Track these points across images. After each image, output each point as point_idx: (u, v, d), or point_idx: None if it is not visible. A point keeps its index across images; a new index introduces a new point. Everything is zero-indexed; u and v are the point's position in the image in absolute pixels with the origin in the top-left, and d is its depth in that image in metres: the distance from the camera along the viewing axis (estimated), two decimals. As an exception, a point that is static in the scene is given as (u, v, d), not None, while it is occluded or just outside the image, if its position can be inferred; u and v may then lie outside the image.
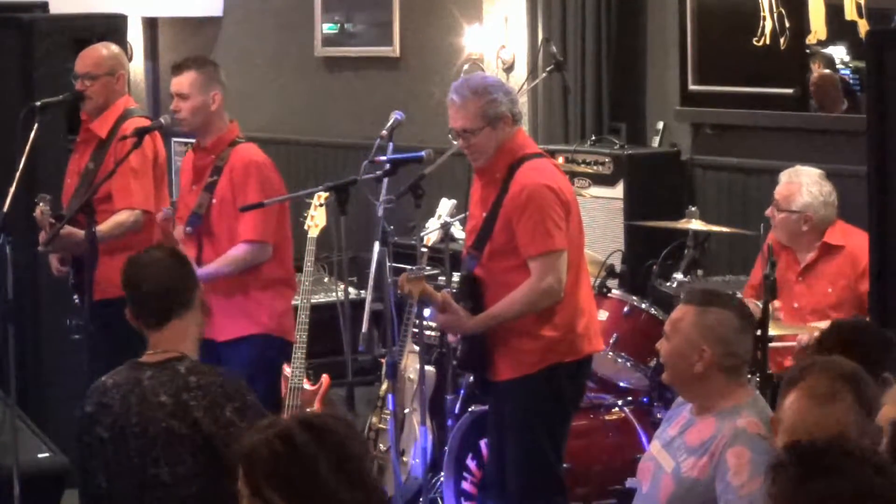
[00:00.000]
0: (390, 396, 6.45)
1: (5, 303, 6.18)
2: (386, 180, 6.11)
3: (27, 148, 6.36)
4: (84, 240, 5.80)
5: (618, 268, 6.92)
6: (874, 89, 5.24)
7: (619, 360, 6.41)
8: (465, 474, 6.38)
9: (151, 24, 10.82)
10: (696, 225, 6.65)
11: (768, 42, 7.18)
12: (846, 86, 7.09)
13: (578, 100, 7.97)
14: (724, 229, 6.80)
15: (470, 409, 6.34)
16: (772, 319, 5.46)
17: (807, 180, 6.27)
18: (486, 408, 6.00)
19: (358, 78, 9.54)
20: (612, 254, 7.05)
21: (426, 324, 6.44)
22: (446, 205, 7.40)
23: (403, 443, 6.72)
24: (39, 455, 6.09)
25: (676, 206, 7.22)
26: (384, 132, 6.52)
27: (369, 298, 6.58)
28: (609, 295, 6.50)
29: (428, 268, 6.65)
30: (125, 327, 4.40)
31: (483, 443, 6.26)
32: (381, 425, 6.84)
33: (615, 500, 6.15)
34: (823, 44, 7.06)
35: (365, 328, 6.65)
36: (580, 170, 7.55)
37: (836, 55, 7.07)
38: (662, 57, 7.82)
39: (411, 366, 6.83)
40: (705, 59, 7.50)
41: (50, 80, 7.11)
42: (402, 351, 6.81)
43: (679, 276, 6.62)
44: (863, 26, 6.79)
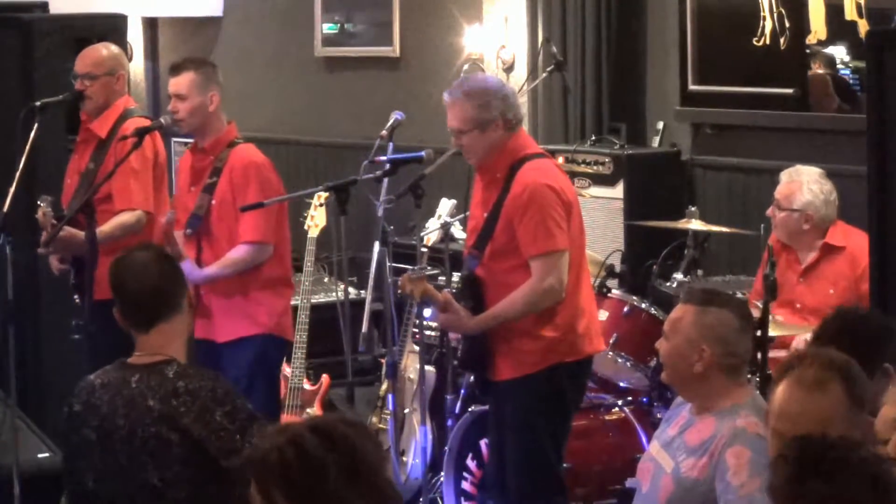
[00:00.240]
0: (390, 396, 6.46)
1: (5, 303, 6.17)
2: (386, 180, 6.11)
3: (27, 148, 6.35)
4: (84, 240, 5.79)
5: (618, 268, 6.92)
6: (874, 89, 5.23)
7: (619, 360, 6.41)
8: (465, 474, 6.38)
9: (151, 24, 10.83)
10: (696, 225, 6.64)
11: (768, 42, 7.18)
12: (846, 85, 7.09)
13: (578, 100, 7.97)
14: (724, 229, 6.80)
15: (470, 409, 6.34)
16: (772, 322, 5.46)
17: (807, 179, 6.27)
18: (486, 408, 5.99)
19: (358, 78, 9.54)
20: (612, 254, 7.05)
21: (426, 324, 6.44)
22: (446, 205, 7.40)
23: (403, 443, 6.72)
24: (39, 455, 6.08)
25: (676, 206, 7.22)
26: (384, 132, 6.53)
27: (369, 298, 6.59)
28: (609, 295, 6.49)
29: (429, 268, 6.65)
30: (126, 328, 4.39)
31: (483, 443, 6.25)
32: (381, 425, 6.84)
33: (615, 500, 6.15)
34: (823, 44, 7.05)
35: (365, 328, 6.66)
36: (580, 170, 7.55)
37: (836, 55, 7.07)
38: (662, 57, 7.82)
39: (411, 366, 6.83)
40: (705, 59, 7.50)
41: (50, 80, 7.10)
42: (402, 351, 6.81)
43: (679, 276, 6.61)
44: (863, 26, 6.79)
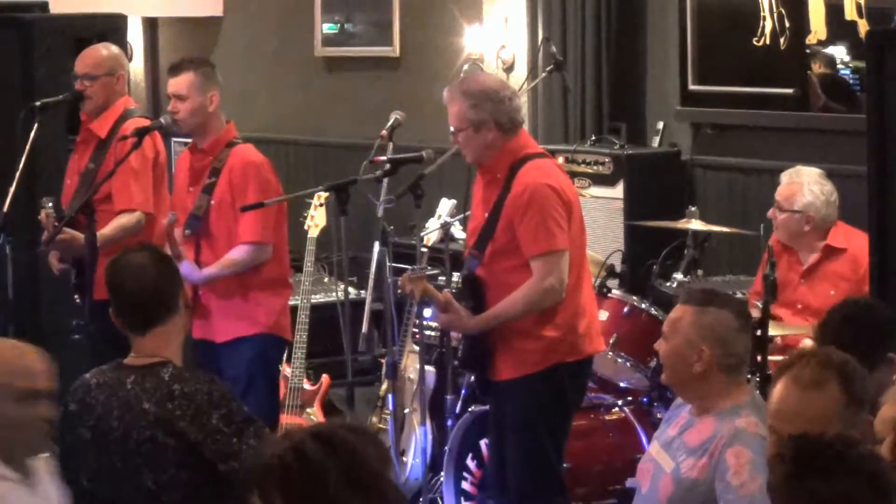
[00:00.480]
0: (390, 396, 6.45)
1: (5, 303, 6.18)
2: (386, 180, 6.11)
3: (27, 148, 6.36)
4: (84, 242, 5.79)
5: (618, 268, 6.92)
6: (874, 89, 5.23)
7: (619, 360, 6.41)
8: (465, 474, 6.38)
9: (151, 24, 10.83)
10: (696, 225, 6.64)
11: (768, 42, 7.18)
12: (846, 85, 7.09)
13: (578, 100, 7.97)
14: (724, 229, 6.79)
15: (470, 409, 6.33)
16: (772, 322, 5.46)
17: (808, 180, 6.27)
18: (486, 408, 5.99)
19: (358, 78, 9.54)
20: (612, 254, 7.05)
21: (426, 324, 6.44)
22: (446, 205, 7.40)
23: (403, 443, 6.72)
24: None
25: (676, 206, 7.22)
26: (384, 132, 6.52)
27: (369, 298, 6.59)
28: (609, 295, 6.49)
29: (429, 268, 6.65)
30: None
31: (483, 443, 6.25)
32: (381, 425, 6.84)
33: (615, 500, 6.15)
34: (823, 44, 7.05)
35: (365, 328, 6.66)
36: (580, 170, 7.55)
37: (836, 55, 7.07)
38: (662, 57, 7.82)
39: (411, 366, 6.83)
40: (705, 59, 7.50)
41: (50, 80, 7.10)
42: (402, 351, 6.81)
43: (679, 276, 6.61)
44: (863, 26, 6.79)
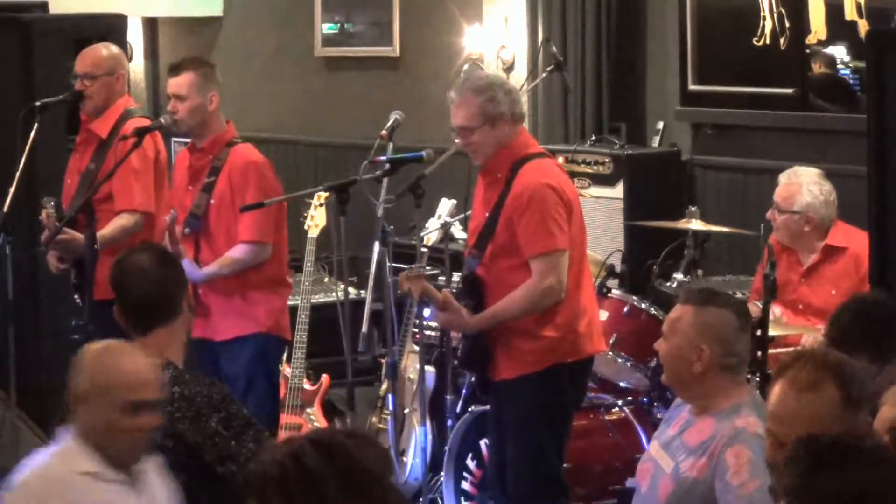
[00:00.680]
0: (390, 396, 6.46)
1: (5, 303, 6.17)
2: (386, 180, 6.10)
3: (27, 148, 6.36)
4: (84, 241, 5.79)
5: (618, 268, 6.92)
6: (874, 89, 5.24)
7: (619, 360, 6.41)
8: (465, 474, 6.38)
9: (151, 24, 10.82)
10: (696, 225, 6.64)
11: (768, 42, 7.18)
12: (846, 85, 7.09)
13: (578, 100, 7.97)
14: (724, 229, 6.79)
15: (470, 409, 6.34)
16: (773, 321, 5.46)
17: (806, 180, 6.26)
18: (486, 408, 5.99)
19: (358, 78, 9.54)
20: (612, 254, 7.06)
21: (426, 324, 6.44)
22: (446, 205, 7.40)
23: (403, 443, 6.72)
24: (39, 455, 6.07)
25: (676, 206, 7.23)
26: (384, 132, 6.51)
27: (369, 298, 6.57)
28: (609, 295, 6.49)
29: (428, 267, 6.65)
30: (125, 328, 4.39)
31: (483, 443, 6.25)
32: (381, 425, 6.84)
33: (615, 500, 6.15)
34: (823, 44, 7.05)
35: (365, 328, 6.64)
36: (580, 170, 7.55)
37: (836, 55, 7.07)
38: (662, 57, 7.82)
39: (411, 366, 6.83)
40: (705, 59, 7.50)
41: (50, 80, 7.09)
42: (402, 351, 6.81)
43: (679, 276, 6.61)
44: (863, 26, 6.79)
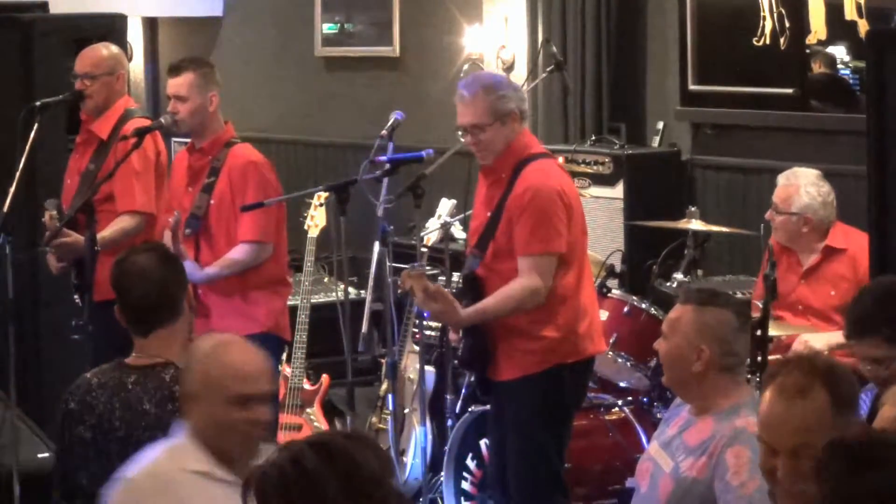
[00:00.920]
0: (390, 396, 6.45)
1: (5, 303, 6.17)
2: (386, 180, 6.10)
3: (27, 148, 6.36)
4: (85, 242, 5.80)
5: (618, 268, 6.92)
6: (874, 89, 5.24)
7: (619, 360, 6.41)
8: (465, 474, 6.38)
9: (151, 24, 10.82)
10: (696, 225, 6.65)
11: (768, 42, 7.18)
12: (846, 85, 7.09)
13: (578, 100, 7.97)
14: (724, 229, 6.80)
15: (470, 409, 6.34)
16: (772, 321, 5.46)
17: (805, 182, 6.26)
18: (486, 408, 5.99)
19: (358, 78, 9.53)
20: (612, 254, 7.06)
21: (426, 324, 6.44)
22: (446, 205, 7.40)
23: (403, 443, 6.72)
24: (39, 455, 6.08)
25: (676, 206, 7.23)
26: (384, 132, 6.51)
27: (369, 298, 6.58)
28: (609, 295, 6.49)
29: (428, 267, 6.65)
30: (125, 328, 4.39)
31: (483, 443, 6.26)
32: (381, 425, 6.84)
33: (615, 500, 6.15)
34: (823, 44, 7.05)
35: (365, 328, 6.65)
36: (580, 170, 7.55)
37: (836, 55, 7.07)
38: (662, 57, 7.82)
39: (411, 366, 6.83)
40: (705, 59, 7.50)
41: (50, 80, 7.09)
42: (402, 351, 6.81)
43: (679, 276, 6.61)
44: (863, 26, 6.79)
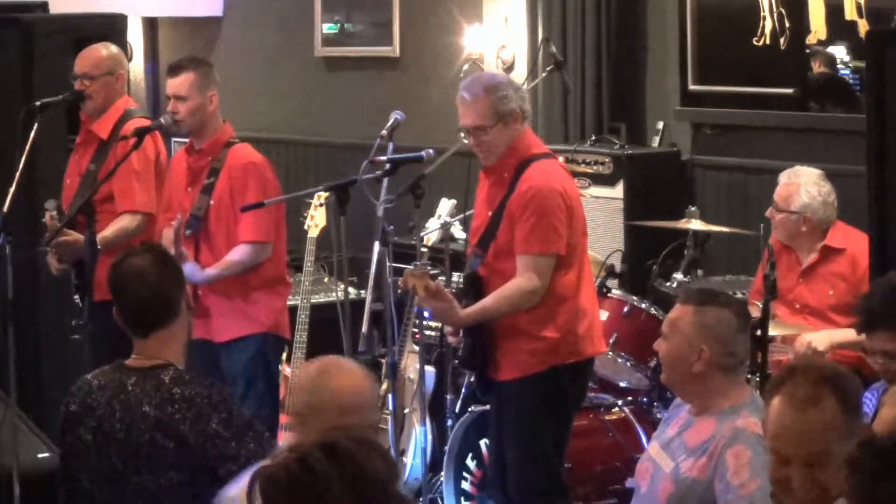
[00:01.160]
0: (390, 396, 6.45)
1: (5, 303, 6.17)
2: (386, 180, 6.10)
3: (27, 148, 6.36)
4: (85, 242, 5.80)
5: (618, 268, 6.92)
6: (874, 89, 5.24)
7: (619, 360, 6.41)
8: (465, 474, 6.38)
9: (151, 24, 10.82)
10: (696, 225, 6.65)
11: (768, 42, 7.18)
12: (846, 85, 7.09)
13: (578, 100, 7.97)
14: (724, 229, 6.80)
15: (470, 409, 6.34)
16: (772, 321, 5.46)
17: (805, 180, 6.26)
18: (486, 408, 5.99)
19: (358, 78, 9.53)
20: (612, 254, 7.06)
21: (426, 324, 6.44)
22: (446, 205, 7.41)
23: (403, 443, 6.72)
24: (39, 455, 6.07)
25: (676, 206, 7.23)
26: (384, 132, 6.51)
27: (369, 298, 6.58)
28: (609, 295, 6.49)
29: (430, 266, 6.65)
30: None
31: (483, 443, 6.26)
32: (380, 425, 6.84)
33: (615, 500, 6.15)
34: (823, 44, 7.06)
35: (365, 328, 6.65)
36: (580, 170, 7.55)
37: (836, 55, 7.07)
38: (662, 57, 7.82)
39: (411, 366, 6.83)
40: (705, 59, 7.50)
41: (50, 80, 7.09)
42: (402, 351, 6.81)
43: (679, 276, 6.61)
44: (863, 26, 6.79)
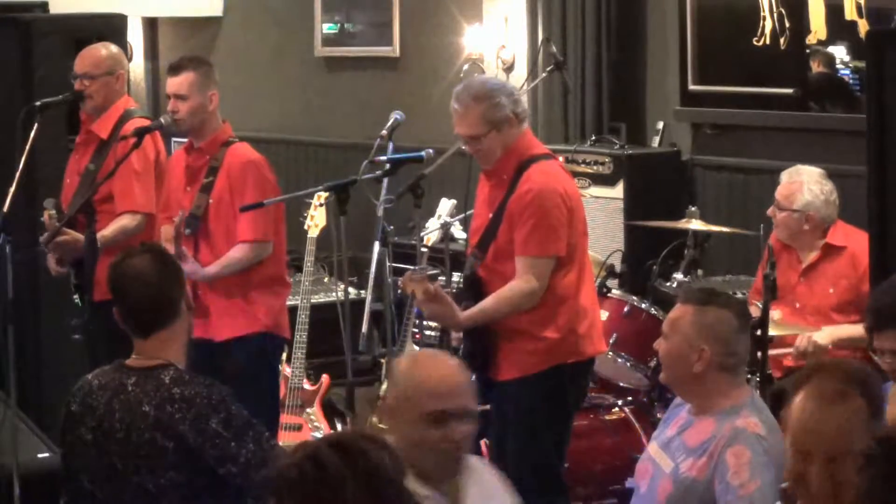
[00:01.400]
0: (390, 396, 6.45)
1: (5, 303, 6.17)
2: (386, 180, 6.10)
3: (27, 148, 6.35)
4: (85, 242, 5.80)
5: (618, 268, 6.92)
6: (874, 89, 5.24)
7: (619, 360, 6.41)
8: (465, 474, 6.37)
9: (151, 24, 10.83)
10: (696, 225, 6.65)
11: (768, 42, 7.19)
12: (846, 85, 7.09)
13: (578, 100, 7.97)
14: (724, 229, 6.80)
15: (470, 409, 6.33)
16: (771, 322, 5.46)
17: (808, 179, 6.27)
18: (486, 407, 5.98)
19: (358, 78, 9.54)
20: (612, 254, 7.06)
21: (426, 324, 6.44)
22: (446, 205, 7.41)
23: (403, 443, 6.71)
24: (39, 455, 6.07)
25: (676, 206, 7.23)
26: (384, 132, 6.51)
27: (369, 298, 6.58)
28: (609, 295, 6.49)
29: (430, 268, 6.65)
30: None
31: (483, 443, 6.25)
32: (381, 425, 6.83)
33: (615, 500, 6.15)
34: (823, 44, 7.06)
35: (365, 328, 6.65)
36: (580, 170, 7.55)
37: (836, 55, 7.07)
38: (662, 57, 7.82)
39: (411, 366, 6.82)
40: (705, 59, 7.50)
41: (50, 80, 7.08)
42: (402, 351, 6.81)
43: (679, 276, 6.62)
44: (863, 26, 6.79)
